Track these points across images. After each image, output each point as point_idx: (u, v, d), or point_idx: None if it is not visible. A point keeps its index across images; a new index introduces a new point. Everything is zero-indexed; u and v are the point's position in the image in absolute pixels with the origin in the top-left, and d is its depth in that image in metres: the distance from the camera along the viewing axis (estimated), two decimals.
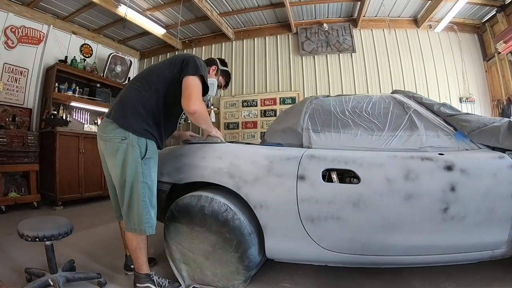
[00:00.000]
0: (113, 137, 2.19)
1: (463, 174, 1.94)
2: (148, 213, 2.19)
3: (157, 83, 2.34)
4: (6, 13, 5.95)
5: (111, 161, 2.25)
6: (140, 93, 2.31)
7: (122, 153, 2.17)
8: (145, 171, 2.19)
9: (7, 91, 5.97)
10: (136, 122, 2.21)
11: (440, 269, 2.40)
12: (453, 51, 7.05)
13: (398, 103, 2.59)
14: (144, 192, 2.18)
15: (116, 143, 2.18)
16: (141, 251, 2.25)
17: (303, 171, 2.12)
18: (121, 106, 2.30)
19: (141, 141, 2.20)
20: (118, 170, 2.20)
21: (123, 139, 2.17)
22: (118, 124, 2.20)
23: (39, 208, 5.42)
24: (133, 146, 2.16)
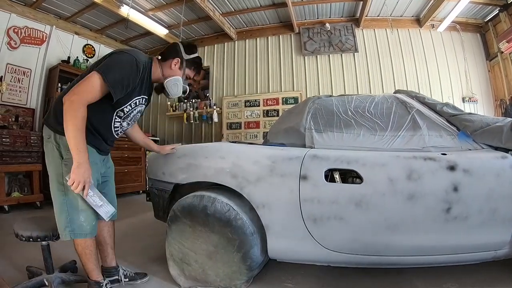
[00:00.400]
0: (44, 136, 2.08)
1: (466, 174, 1.93)
2: (69, 218, 1.99)
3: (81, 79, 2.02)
4: (9, 13, 5.98)
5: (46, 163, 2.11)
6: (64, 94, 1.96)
7: (47, 154, 2.06)
8: (65, 172, 1.94)
9: (10, 91, 6.00)
10: (56, 120, 2.01)
11: (442, 269, 2.39)
12: (455, 50, 7.03)
13: (401, 103, 2.58)
14: (63, 194, 1.99)
15: (45, 143, 2.07)
16: (87, 257, 2.10)
17: (306, 171, 2.12)
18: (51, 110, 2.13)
19: (62, 140, 1.96)
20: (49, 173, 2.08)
21: (48, 137, 2.04)
22: (45, 123, 2.09)
23: (42, 207, 5.43)
24: (53, 145, 2.01)
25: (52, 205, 2.04)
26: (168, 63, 2.27)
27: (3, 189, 5.12)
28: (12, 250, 3.06)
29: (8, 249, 3.10)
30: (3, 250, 3.10)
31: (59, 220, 2.02)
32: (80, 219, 2.01)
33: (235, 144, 2.64)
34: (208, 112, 8.05)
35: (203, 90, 8.41)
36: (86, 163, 1.86)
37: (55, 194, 2.02)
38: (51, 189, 2.04)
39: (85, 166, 1.85)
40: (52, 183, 2.03)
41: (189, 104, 8.26)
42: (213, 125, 8.10)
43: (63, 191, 1.98)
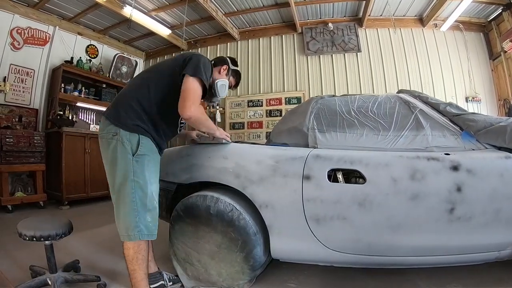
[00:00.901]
0: (105, 134, 2.06)
1: (469, 174, 1.92)
2: (139, 216, 1.95)
3: (156, 80, 2.19)
4: (12, 14, 6.00)
5: (104, 159, 2.10)
6: (136, 89, 2.18)
7: (112, 150, 2.01)
8: (136, 169, 1.97)
9: (14, 91, 6.02)
10: (127, 116, 2.04)
11: (446, 270, 2.38)
12: (459, 50, 7.01)
13: (404, 102, 2.58)
14: (134, 192, 1.95)
15: (108, 140, 2.03)
16: (139, 264, 1.99)
17: (309, 171, 2.12)
18: (115, 103, 2.18)
19: (132, 136, 2.01)
20: (108, 168, 2.06)
21: (114, 135, 2.01)
22: (110, 121, 2.06)
23: (45, 207, 5.46)
24: (122, 142, 1.98)
25: (58, 205, 2.09)
26: (217, 69, 2.54)
27: (6, 188, 5.15)
28: (16, 249, 3.08)
29: (11, 249, 3.11)
30: (6, 249, 3.11)
31: (126, 220, 1.95)
32: (147, 219, 1.99)
33: (238, 144, 2.64)
34: (211, 112, 8.06)
35: None
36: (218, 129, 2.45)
37: (124, 192, 1.96)
38: (116, 187, 1.99)
39: (221, 131, 2.47)
40: (118, 181, 1.98)
41: None
42: (216, 125, 8.03)
43: (133, 189, 1.95)
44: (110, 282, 2.49)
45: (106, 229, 4.07)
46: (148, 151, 2.07)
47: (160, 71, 2.27)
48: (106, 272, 2.66)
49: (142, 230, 1.96)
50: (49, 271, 2.29)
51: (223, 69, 2.55)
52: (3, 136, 5.11)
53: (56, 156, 5.74)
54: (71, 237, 2.60)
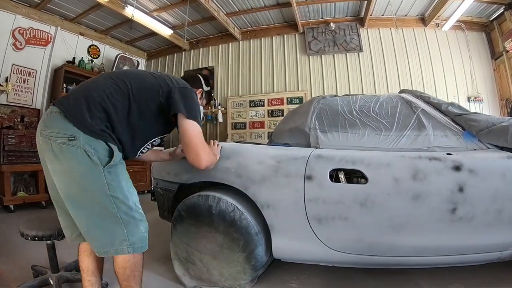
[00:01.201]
0: (57, 133, 1.59)
1: (471, 174, 1.92)
2: (127, 230, 1.66)
3: (138, 97, 1.80)
4: (14, 15, 6.02)
5: (54, 167, 1.64)
6: (111, 93, 1.73)
7: (67, 159, 1.58)
8: (111, 182, 1.63)
9: (16, 92, 6.04)
10: (94, 118, 1.63)
11: (447, 270, 2.37)
12: (461, 49, 7.00)
13: (406, 102, 2.57)
14: (115, 207, 1.63)
15: (61, 144, 1.57)
16: (137, 279, 1.76)
17: (311, 171, 2.12)
18: (80, 97, 1.69)
19: (98, 143, 1.61)
20: (61, 181, 1.64)
21: (70, 139, 1.56)
22: (67, 117, 1.60)
23: (47, 207, 5.47)
24: (85, 150, 1.57)
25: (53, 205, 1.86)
26: (197, 92, 2.26)
27: (8, 188, 5.17)
28: (17, 249, 3.09)
29: (13, 248, 3.12)
30: (8, 249, 3.13)
31: (112, 236, 1.65)
32: (141, 230, 1.72)
33: (240, 144, 2.64)
34: (213, 112, 8.08)
35: None
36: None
37: (101, 208, 1.63)
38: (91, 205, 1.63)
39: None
40: (92, 197, 1.62)
41: None
42: (218, 125, 8.11)
43: (114, 204, 1.63)
44: (112, 282, 2.47)
45: None
46: (120, 159, 1.73)
47: (146, 90, 1.86)
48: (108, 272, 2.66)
49: (135, 242, 1.68)
50: (51, 270, 2.29)
51: (198, 92, 2.29)
52: (5, 136, 5.13)
53: None
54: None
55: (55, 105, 1.69)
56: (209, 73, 8.36)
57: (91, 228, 1.68)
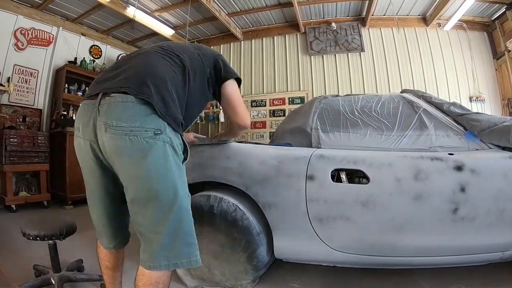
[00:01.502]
0: (142, 127, 1.34)
1: (473, 174, 1.92)
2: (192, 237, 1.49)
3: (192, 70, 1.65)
4: (16, 15, 6.02)
5: (133, 168, 1.38)
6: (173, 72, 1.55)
7: (152, 154, 1.35)
8: (185, 179, 1.52)
9: (18, 92, 6.04)
10: (175, 109, 1.46)
11: (449, 270, 2.37)
12: (462, 49, 6.98)
13: (408, 102, 2.57)
14: (185, 208, 1.45)
15: (146, 139, 1.34)
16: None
17: (312, 171, 2.12)
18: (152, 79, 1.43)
19: (176, 137, 1.46)
20: (145, 180, 1.38)
21: (157, 132, 1.36)
22: (153, 109, 1.37)
23: (49, 207, 5.49)
24: (171, 145, 1.41)
25: (62, 204, 1.92)
26: None
27: (10, 188, 5.17)
28: (19, 249, 3.09)
29: (14, 248, 3.13)
30: (10, 249, 3.13)
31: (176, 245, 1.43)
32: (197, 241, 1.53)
33: (242, 144, 2.64)
34: (215, 112, 8.08)
35: None
36: None
37: (183, 212, 1.44)
38: (169, 204, 1.39)
39: None
40: (173, 196, 1.40)
41: None
42: (219, 125, 8.11)
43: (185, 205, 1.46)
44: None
45: None
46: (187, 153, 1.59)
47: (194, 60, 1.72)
48: None
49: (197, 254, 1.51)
50: (52, 270, 2.30)
51: None
52: (7, 136, 5.13)
53: (60, 156, 5.73)
54: (75, 237, 2.60)
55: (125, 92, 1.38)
56: None
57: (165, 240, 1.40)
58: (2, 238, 3.49)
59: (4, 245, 3.23)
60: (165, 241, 1.40)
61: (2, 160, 5.12)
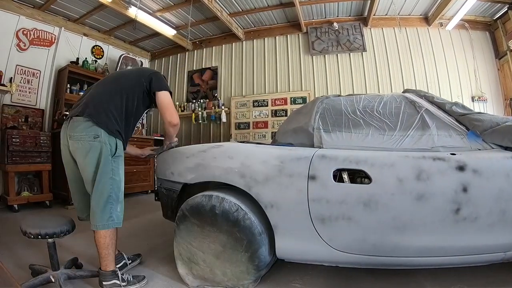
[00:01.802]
0: (84, 136, 2.28)
1: (475, 174, 1.91)
2: (114, 208, 2.31)
3: (126, 89, 2.49)
4: (18, 16, 6.05)
5: (82, 161, 2.31)
6: (110, 95, 2.44)
7: (95, 152, 2.27)
8: (114, 168, 2.33)
9: (20, 92, 6.06)
10: (108, 121, 2.33)
11: (451, 271, 2.37)
12: (464, 49, 6.97)
13: (410, 102, 2.57)
14: (112, 187, 2.30)
15: (88, 142, 2.27)
16: (111, 247, 2.32)
17: (314, 171, 2.11)
18: (94, 105, 2.37)
19: (111, 139, 2.33)
20: (91, 168, 2.28)
21: (96, 137, 2.27)
22: (93, 122, 2.29)
23: (51, 207, 5.50)
24: (105, 144, 2.29)
25: (64, 204, 2.15)
26: None
27: (13, 188, 5.20)
28: (17, 248, 3.12)
29: (13, 247, 3.15)
30: (10, 248, 3.15)
31: (103, 211, 2.27)
32: (117, 209, 2.34)
33: (244, 144, 2.65)
34: (217, 112, 8.08)
35: (211, 90, 8.41)
36: None
37: (104, 188, 2.27)
38: (97, 183, 2.27)
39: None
40: (101, 178, 2.27)
41: (198, 104, 8.28)
42: (222, 125, 8.11)
43: (111, 185, 2.30)
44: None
45: None
46: (121, 151, 2.44)
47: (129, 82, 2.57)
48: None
49: (114, 219, 2.31)
50: (51, 268, 2.33)
51: None
52: (9, 136, 5.15)
53: None
54: (75, 236, 2.62)
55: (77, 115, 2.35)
56: (213, 73, 8.38)
57: (94, 207, 2.28)
58: (2, 238, 3.51)
59: (4, 245, 3.24)
60: (93, 210, 2.29)
61: (5, 160, 5.14)
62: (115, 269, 2.33)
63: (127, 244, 3.00)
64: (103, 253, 2.29)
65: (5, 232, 3.77)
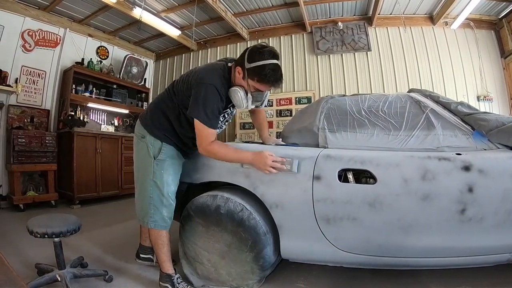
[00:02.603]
0: (137, 133, 2.45)
1: (481, 174, 1.90)
2: (153, 210, 2.29)
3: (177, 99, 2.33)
4: (23, 17, 6.07)
5: (134, 154, 2.49)
6: (164, 101, 2.41)
7: (139, 150, 2.40)
8: (156, 171, 2.29)
9: (25, 93, 6.09)
10: (153, 126, 2.36)
11: (456, 272, 2.36)
12: (470, 48, 6.92)
13: (415, 102, 2.56)
14: (151, 189, 2.29)
15: (138, 139, 2.43)
16: (160, 248, 2.33)
17: (319, 171, 2.11)
18: (149, 109, 2.54)
19: (156, 142, 2.33)
20: (135, 163, 2.47)
21: (142, 137, 2.37)
22: (141, 123, 2.43)
23: (57, 206, 5.53)
24: (147, 146, 2.33)
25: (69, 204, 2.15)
26: (235, 71, 2.26)
27: (18, 188, 5.23)
28: (25, 248, 3.14)
29: (20, 247, 3.17)
30: (16, 247, 3.18)
31: (143, 210, 2.34)
32: (163, 213, 2.31)
33: (249, 144, 2.65)
34: None
35: None
36: (254, 156, 2.15)
37: (143, 187, 2.34)
38: (139, 181, 2.39)
39: (257, 158, 2.13)
40: (142, 176, 2.36)
41: None
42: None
43: (151, 187, 2.30)
44: (117, 276, 2.57)
45: (116, 228, 4.13)
46: (169, 157, 2.34)
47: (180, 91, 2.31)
48: (113, 267, 2.74)
49: (157, 221, 2.30)
50: (57, 267, 2.35)
51: (238, 72, 2.23)
52: (15, 136, 5.19)
53: (67, 156, 5.79)
54: (82, 236, 2.63)
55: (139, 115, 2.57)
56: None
57: (137, 200, 2.42)
58: (7, 237, 3.53)
59: (9, 244, 3.27)
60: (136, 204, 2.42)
61: (10, 160, 5.18)
62: (170, 273, 2.32)
63: (133, 244, 3.02)
64: (155, 251, 2.38)
65: (11, 231, 3.80)
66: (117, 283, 2.49)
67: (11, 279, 0.92)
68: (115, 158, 6.46)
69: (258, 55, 2.12)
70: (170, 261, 2.36)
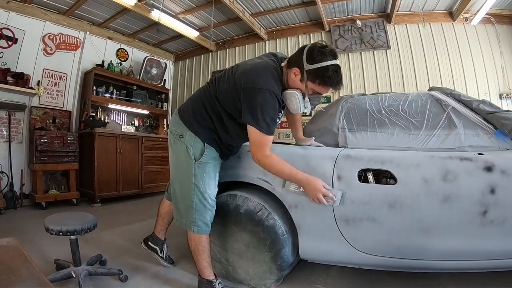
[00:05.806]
0: (174, 130, 2.28)
1: (503, 175, 1.86)
2: (197, 214, 2.17)
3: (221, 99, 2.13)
4: (44, 22, 6.22)
5: (169, 152, 2.35)
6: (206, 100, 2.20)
7: (176, 150, 2.25)
8: (197, 174, 2.16)
9: (47, 95, 6.24)
10: (196, 123, 2.19)
11: (476, 275, 2.31)
12: (491, 44, 6.75)
13: (436, 100, 2.51)
14: (194, 193, 2.16)
15: (174, 138, 2.26)
16: (200, 254, 2.19)
17: (339, 171, 2.11)
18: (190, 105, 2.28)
19: (196, 143, 2.17)
20: (171, 162, 2.34)
21: (180, 136, 2.21)
22: (182, 120, 2.24)
23: (78, 204, 5.67)
24: (187, 147, 2.17)
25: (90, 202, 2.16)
26: (291, 72, 2.07)
27: (41, 186, 5.40)
28: (46, 244, 3.24)
29: (41, 243, 3.27)
30: (36, 244, 3.27)
31: (187, 215, 2.21)
32: (206, 217, 2.19)
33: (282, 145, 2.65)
34: None
35: None
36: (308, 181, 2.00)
37: (184, 191, 2.21)
38: (178, 182, 2.27)
39: (311, 185, 1.99)
40: (180, 177, 2.25)
41: None
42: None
43: (193, 191, 2.16)
44: (132, 275, 2.60)
45: (136, 227, 4.16)
46: (211, 159, 2.21)
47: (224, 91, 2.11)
48: (131, 266, 2.78)
49: (201, 226, 2.18)
50: (73, 264, 2.41)
51: (294, 74, 2.05)
52: (37, 137, 5.33)
53: (88, 155, 5.91)
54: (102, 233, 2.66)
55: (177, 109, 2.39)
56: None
57: (176, 202, 2.30)
58: (30, 234, 3.63)
59: (31, 240, 3.36)
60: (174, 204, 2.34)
61: (33, 160, 5.33)
62: (211, 279, 2.19)
63: None
64: (194, 257, 2.24)
65: (33, 228, 3.90)
66: (132, 283, 2.51)
67: (32, 273, 0.96)
68: (136, 157, 6.53)
69: (320, 56, 1.95)
70: (211, 266, 2.24)
